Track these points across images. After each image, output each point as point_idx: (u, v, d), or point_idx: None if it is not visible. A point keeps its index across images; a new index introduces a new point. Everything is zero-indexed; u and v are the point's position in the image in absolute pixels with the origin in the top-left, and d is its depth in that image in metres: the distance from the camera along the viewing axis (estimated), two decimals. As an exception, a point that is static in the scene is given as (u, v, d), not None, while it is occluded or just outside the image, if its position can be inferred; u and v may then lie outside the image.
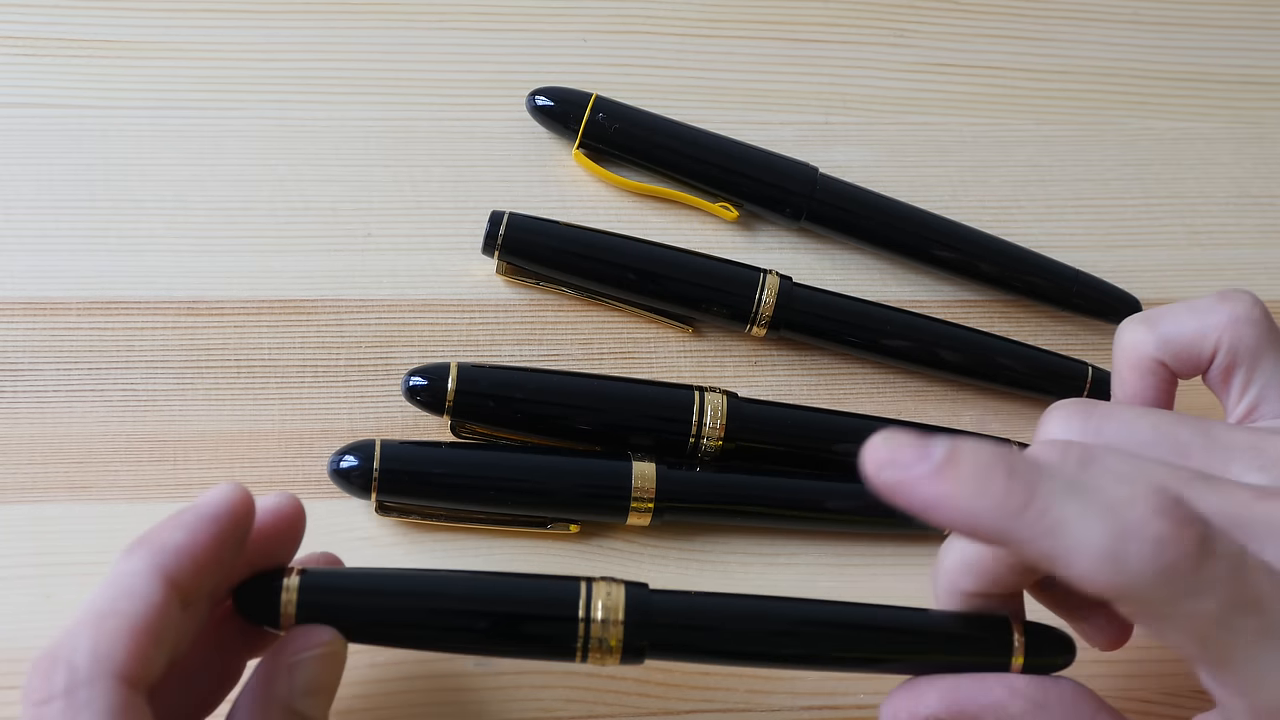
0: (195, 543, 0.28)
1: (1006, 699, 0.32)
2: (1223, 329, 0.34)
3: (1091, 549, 0.27)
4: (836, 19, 0.48)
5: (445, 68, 0.45)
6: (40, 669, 0.26)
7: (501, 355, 0.41)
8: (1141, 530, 0.26)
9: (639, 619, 0.31)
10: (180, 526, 0.28)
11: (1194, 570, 0.26)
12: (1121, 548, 0.26)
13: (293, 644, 0.29)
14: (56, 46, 0.43)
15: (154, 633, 0.27)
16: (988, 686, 0.32)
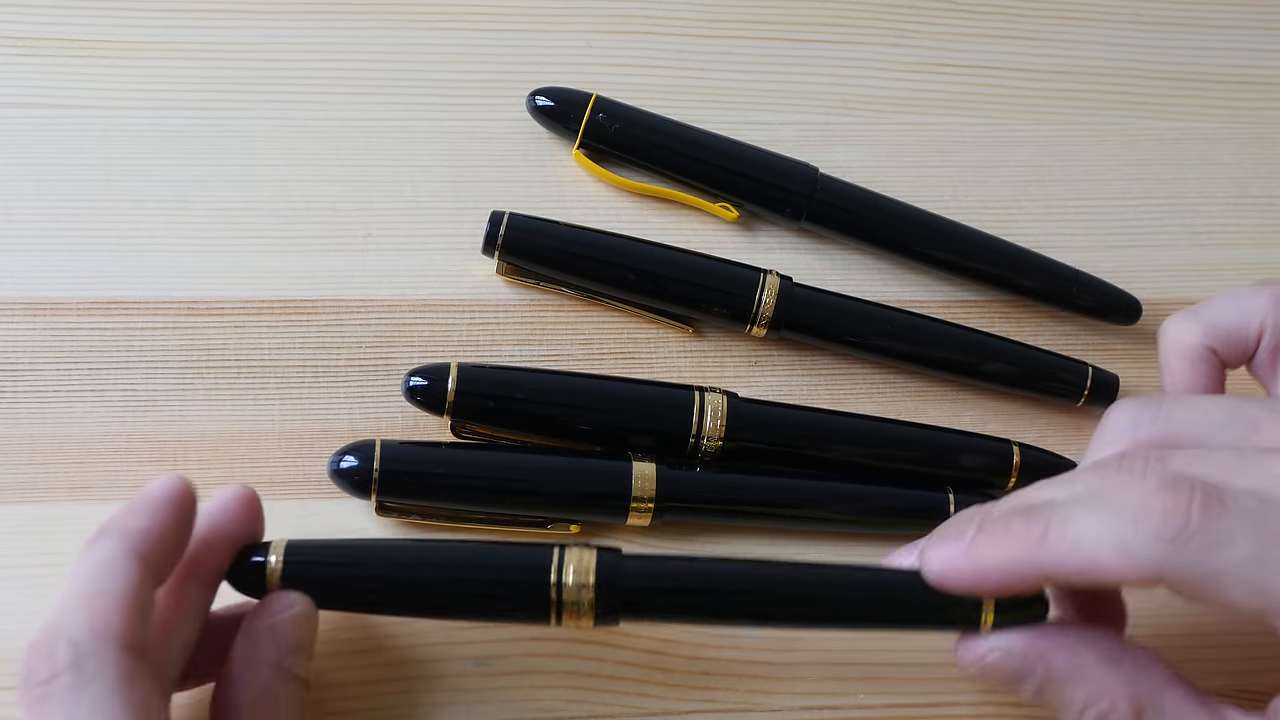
0: (158, 524, 0.30)
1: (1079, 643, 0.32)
2: (1266, 311, 0.35)
3: (1107, 546, 0.29)
4: (836, 19, 0.48)
5: (445, 68, 0.45)
6: (39, 652, 0.27)
7: (501, 355, 0.41)
8: (1144, 511, 0.29)
9: (609, 581, 0.32)
10: (141, 512, 0.30)
11: (1207, 528, 0.28)
12: (1129, 534, 0.29)
13: (271, 607, 0.31)
14: (56, 46, 0.43)
15: (140, 606, 0.28)
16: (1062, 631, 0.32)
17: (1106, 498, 0.30)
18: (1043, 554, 0.30)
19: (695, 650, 0.38)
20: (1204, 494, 0.29)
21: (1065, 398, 0.42)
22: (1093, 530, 0.29)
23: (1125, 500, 0.29)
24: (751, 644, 0.38)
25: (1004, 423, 0.43)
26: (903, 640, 0.38)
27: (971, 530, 0.32)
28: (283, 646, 0.31)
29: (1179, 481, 0.29)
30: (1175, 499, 0.29)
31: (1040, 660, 0.32)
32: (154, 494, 0.30)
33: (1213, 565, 0.28)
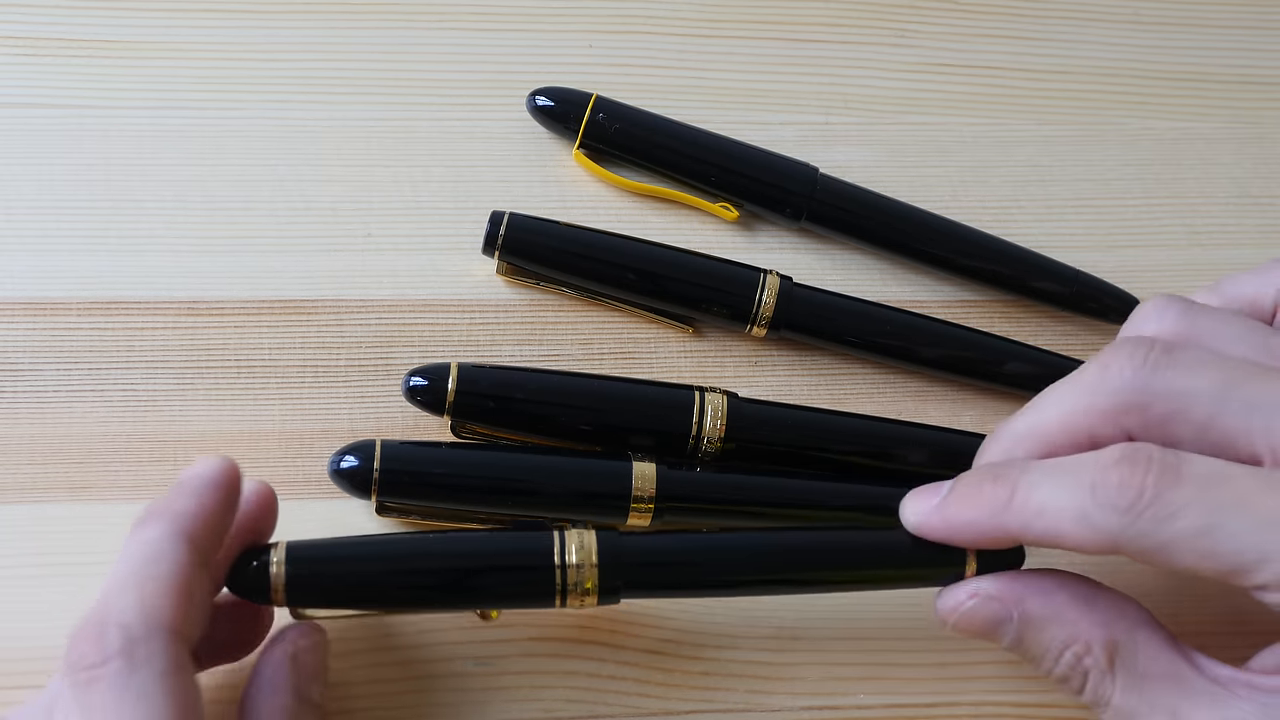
0: (204, 507, 0.30)
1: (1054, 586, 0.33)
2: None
3: (1068, 515, 0.30)
4: (836, 19, 0.48)
5: (445, 68, 0.45)
6: (88, 635, 0.27)
7: (501, 355, 0.41)
8: (1101, 482, 0.30)
9: (611, 560, 0.33)
10: (188, 494, 0.30)
11: (1160, 499, 0.29)
12: (1087, 504, 0.30)
13: (291, 636, 0.32)
14: (56, 46, 0.43)
15: (189, 590, 0.29)
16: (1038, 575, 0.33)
17: (1069, 465, 0.31)
18: (1008, 518, 0.31)
19: (695, 650, 0.38)
20: (1160, 465, 0.30)
21: (1065, 398, 0.42)
22: (1054, 498, 0.31)
23: (1085, 469, 0.30)
24: (751, 644, 0.38)
25: (1004, 423, 0.43)
26: (903, 640, 0.38)
27: (948, 485, 0.33)
28: (303, 674, 0.32)
29: (1138, 452, 0.30)
30: (1131, 471, 0.30)
31: (1017, 604, 0.33)
32: (200, 475, 0.31)
33: (1165, 535, 0.29)
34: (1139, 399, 0.31)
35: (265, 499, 0.33)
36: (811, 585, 0.36)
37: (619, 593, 0.34)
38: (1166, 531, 0.29)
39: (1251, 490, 0.29)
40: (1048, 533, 0.31)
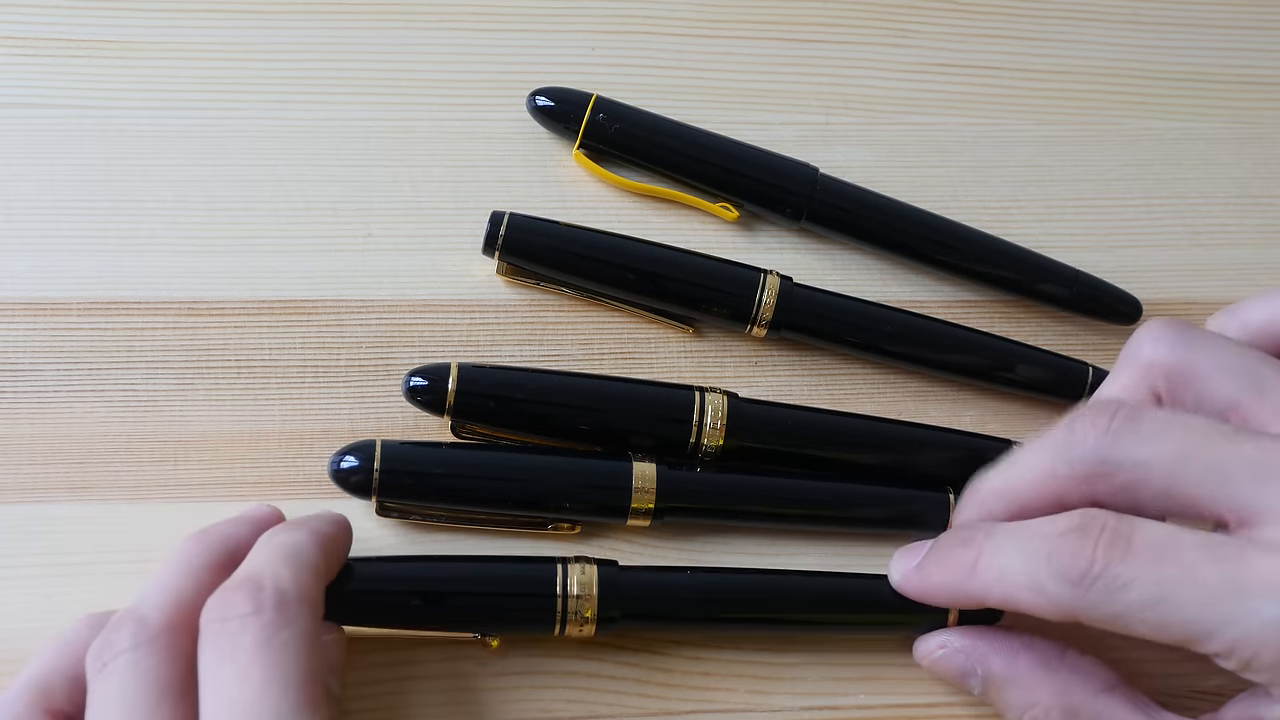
0: (337, 537, 0.33)
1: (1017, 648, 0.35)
2: None
3: (1024, 585, 0.32)
4: (836, 19, 0.48)
5: (445, 68, 0.45)
6: (241, 588, 0.29)
7: (502, 355, 0.41)
8: (1055, 551, 0.31)
9: (610, 592, 0.35)
10: (328, 522, 0.33)
11: (1109, 572, 0.30)
12: (1041, 575, 0.31)
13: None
14: (56, 46, 0.43)
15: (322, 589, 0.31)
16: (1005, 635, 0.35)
17: (1029, 532, 0.32)
18: (973, 583, 0.33)
19: (695, 650, 0.38)
20: (1111, 535, 0.31)
21: (1065, 398, 0.42)
22: (1013, 566, 0.32)
23: (1042, 539, 0.32)
24: (751, 644, 0.38)
25: (1004, 423, 0.43)
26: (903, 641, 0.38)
27: (928, 545, 0.36)
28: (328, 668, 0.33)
29: (1090, 523, 0.31)
30: (1083, 542, 0.31)
31: (981, 661, 0.35)
32: (331, 515, 0.34)
33: (1117, 607, 0.30)
34: (1100, 469, 0.32)
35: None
36: (800, 625, 0.37)
37: (616, 622, 0.35)
38: (1118, 603, 0.30)
39: (1199, 561, 0.30)
40: (1006, 599, 0.32)
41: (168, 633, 0.30)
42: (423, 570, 0.35)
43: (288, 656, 0.28)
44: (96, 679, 0.29)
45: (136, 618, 0.30)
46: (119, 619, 0.30)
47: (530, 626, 0.35)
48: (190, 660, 0.29)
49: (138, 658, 0.29)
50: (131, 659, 0.29)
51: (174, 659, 0.29)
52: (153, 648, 0.29)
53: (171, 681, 0.29)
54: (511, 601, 0.35)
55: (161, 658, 0.29)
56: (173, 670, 0.29)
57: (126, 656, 0.29)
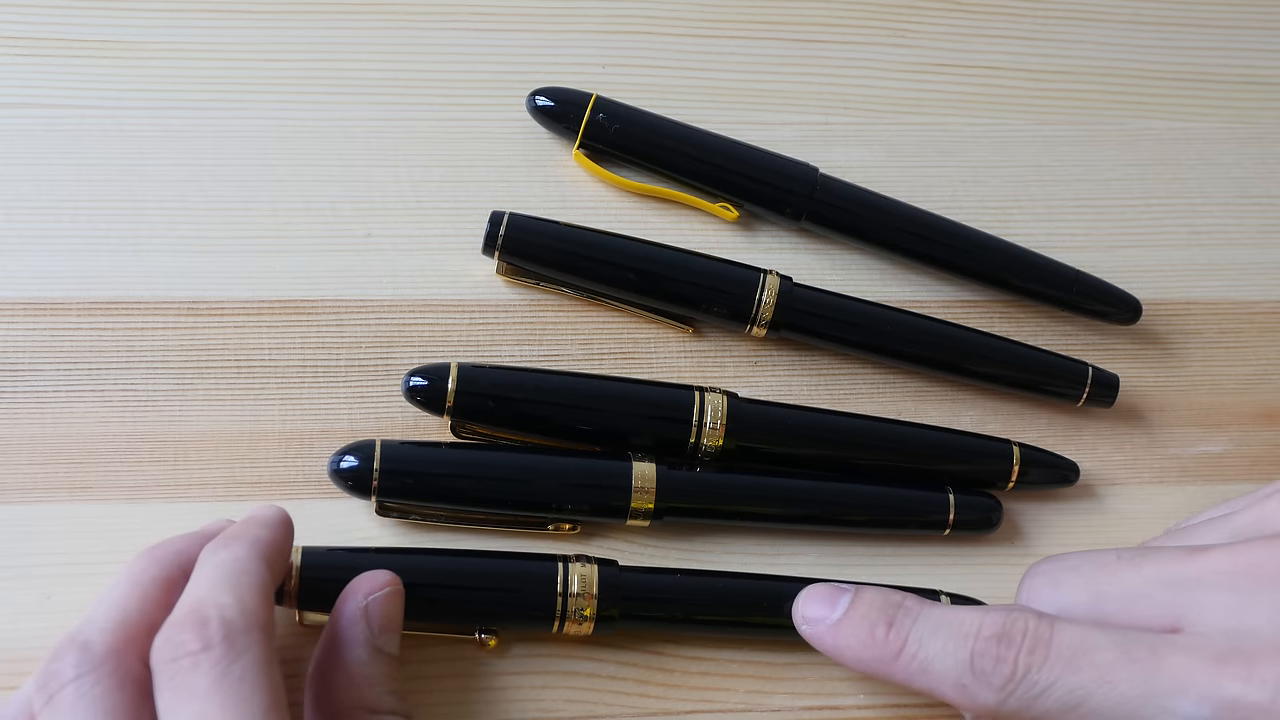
0: (277, 538, 0.32)
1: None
2: None
3: (949, 683, 0.32)
4: (836, 19, 0.48)
5: (445, 68, 0.45)
6: (188, 623, 0.28)
7: (501, 355, 0.41)
8: (980, 653, 0.32)
9: (610, 591, 0.35)
10: (262, 525, 0.32)
11: (1029, 678, 0.31)
12: (966, 676, 0.32)
13: (362, 588, 0.33)
14: (56, 46, 0.43)
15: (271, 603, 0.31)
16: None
17: (956, 627, 0.33)
18: (896, 668, 0.33)
19: (695, 650, 0.38)
20: (1032, 640, 0.31)
21: (1065, 398, 0.42)
22: (939, 662, 0.32)
23: (968, 638, 0.32)
24: (751, 644, 0.38)
25: (1004, 423, 0.43)
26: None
27: (845, 603, 0.35)
28: (374, 627, 0.32)
29: (1013, 626, 0.32)
30: (1005, 648, 0.31)
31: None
32: (267, 514, 0.33)
33: (1037, 711, 0.31)
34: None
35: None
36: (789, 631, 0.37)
37: (615, 622, 0.36)
38: (1038, 708, 0.31)
39: (1112, 664, 0.30)
40: (930, 690, 0.33)
41: (113, 658, 0.29)
42: (423, 564, 0.35)
43: (244, 692, 0.28)
44: (45, 710, 0.28)
45: (80, 644, 0.29)
46: (62, 646, 0.29)
47: (529, 623, 0.36)
48: (139, 683, 0.29)
49: (83, 687, 0.28)
50: (77, 688, 0.28)
51: (121, 684, 0.29)
52: (99, 676, 0.28)
53: (121, 707, 0.28)
54: (511, 597, 0.35)
55: (108, 685, 0.28)
56: (121, 696, 0.28)
57: (72, 687, 0.28)
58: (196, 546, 0.32)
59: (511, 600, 0.35)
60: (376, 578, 0.33)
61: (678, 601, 0.37)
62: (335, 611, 0.33)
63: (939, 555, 0.40)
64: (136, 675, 0.29)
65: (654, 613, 0.36)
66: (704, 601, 0.37)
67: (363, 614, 0.32)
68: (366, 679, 0.32)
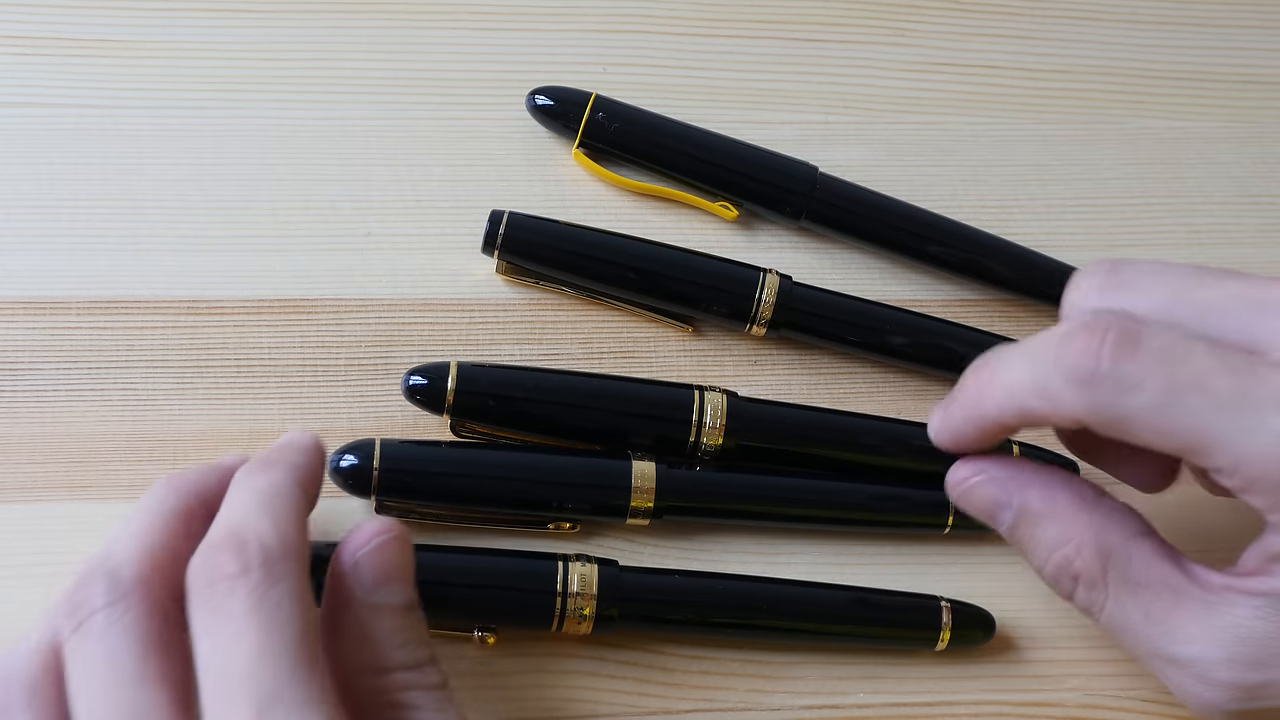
0: (312, 464, 0.32)
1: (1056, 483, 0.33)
2: None
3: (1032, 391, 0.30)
4: (836, 19, 0.48)
5: (445, 68, 0.45)
6: (226, 548, 0.28)
7: (501, 354, 0.41)
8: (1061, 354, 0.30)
9: (609, 591, 0.35)
10: (298, 450, 0.32)
11: (1117, 370, 0.29)
12: (1049, 378, 0.30)
13: (349, 544, 0.31)
14: (56, 46, 0.43)
15: (306, 531, 0.30)
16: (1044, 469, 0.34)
17: (1036, 342, 0.31)
18: (987, 403, 0.32)
19: (695, 650, 0.38)
20: (1119, 333, 0.29)
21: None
22: (1020, 375, 0.31)
23: (1047, 342, 0.30)
24: (751, 644, 0.38)
25: (1004, 422, 0.43)
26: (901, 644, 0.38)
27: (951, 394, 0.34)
28: (367, 583, 0.31)
29: (1097, 320, 0.30)
30: (1088, 340, 0.29)
31: (1019, 491, 0.33)
32: (302, 441, 0.33)
33: (1124, 409, 0.29)
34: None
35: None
36: (799, 634, 0.37)
37: (615, 622, 0.36)
38: (1126, 405, 0.29)
39: (1210, 370, 0.29)
40: (1019, 411, 0.31)
41: (142, 585, 0.29)
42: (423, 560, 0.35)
43: (280, 618, 0.27)
44: (74, 638, 0.28)
45: (108, 572, 0.29)
46: (87, 575, 0.29)
47: (528, 621, 0.36)
48: (166, 611, 0.29)
49: (114, 614, 0.28)
50: (108, 615, 0.28)
51: (152, 612, 0.28)
52: (129, 603, 0.28)
53: (154, 635, 0.28)
54: (511, 595, 0.35)
55: (139, 612, 0.28)
56: (152, 624, 0.28)
57: (103, 614, 0.28)
58: (214, 478, 0.32)
59: (511, 598, 0.35)
60: (366, 530, 0.31)
61: (677, 603, 0.37)
62: (330, 568, 0.31)
63: (939, 555, 0.40)
64: (164, 603, 0.29)
65: (653, 614, 0.36)
66: (704, 603, 0.37)
67: (352, 570, 0.31)
68: (368, 638, 0.30)
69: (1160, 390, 0.29)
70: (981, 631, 0.38)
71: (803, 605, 0.37)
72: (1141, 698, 0.38)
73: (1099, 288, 0.32)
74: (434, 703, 0.30)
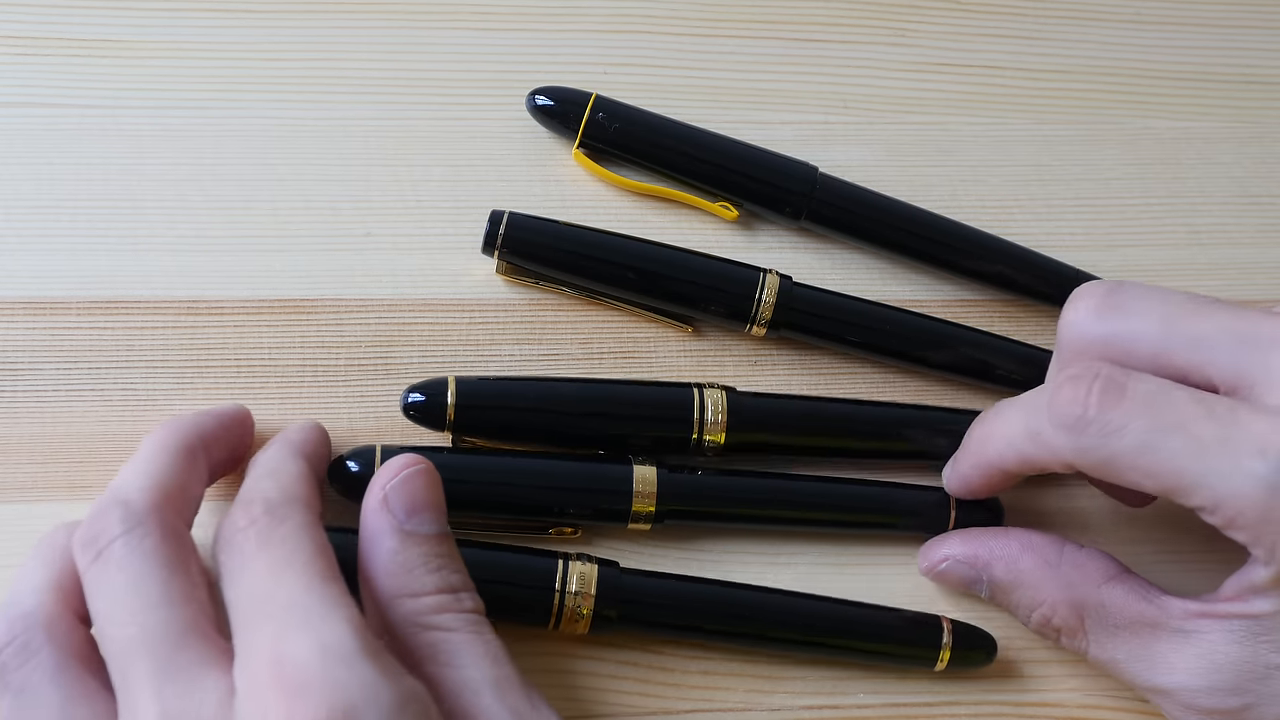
0: (312, 438, 0.35)
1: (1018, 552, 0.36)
2: None
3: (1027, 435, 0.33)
4: (836, 19, 0.48)
5: (445, 68, 0.45)
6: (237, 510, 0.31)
7: (501, 355, 0.41)
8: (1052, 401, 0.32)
9: (609, 592, 0.35)
10: (299, 429, 0.35)
11: (1102, 417, 0.31)
12: (1041, 424, 0.33)
13: (380, 479, 0.32)
14: (56, 46, 0.43)
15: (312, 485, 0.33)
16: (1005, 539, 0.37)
17: (1031, 394, 0.34)
18: (989, 451, 0.35)
19: (695, 650, 0.38)
20: (1105, 382, 0.32)
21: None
22: (1017, 425, 0.34)
23: (1041, 394, 0.34)
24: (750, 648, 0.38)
25: (1004, 422, 0.43)
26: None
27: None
28: (399, 513, 0.32)
29: (1085, 371, 0.32)
30: (1076, 390, 0.32)
31: (985, 569, 0.36)
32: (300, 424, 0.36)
33: (1109, 451, 0.31)
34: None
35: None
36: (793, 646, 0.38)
37: (613, 624, 0.36)
38: (1111, 448, 0.31)
39: (1193, 415, 0.31)
40: (1018, 458, 0.34)
41: (156, 512, 0.30)
42: None
43: (289, 546, 0.29)
44: (93, 568, 0.29)
45: (121, 501, 0.30)
46: (101, 507, 0.30)
47: (525, 617, 0.35)
48: (181, 537, 0.30)
49: (134, 539, 0.29)
50: (126, 542, 0.29)
51: (168, 536, 0.30)
52: (147, 529, 0.29)
53: (174, 556, 0.29)
54: (509, 590, 0.35)
55: (157, 537, 0.29)
56: (169, 547, 0.29)
57: (121, 541, 0.29)
58: (211, 421, 0.34)
59: (509, 594, 0.35)
60: (394, 465, 0.32)
61: (676, 608, 0.36)
62: (363, 507, 0.33)
63: (939, 555, 0.40)
64: (179, 530, 0.30)
65: (652, 618, 0.36)
66: (702, 611, 0.37)
67: (383, 503, 0.32)
68: (402, 565, 0.31)
69: (1143, 433, 0.31)
70: (983, 653, 0.38)
71: (802, 618, 0.37)
72: (1142, 698, 0.38)
73: (1096, 310, 0.34)
74: (468, 624, 0.31)
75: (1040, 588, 0.35)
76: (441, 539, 0.32)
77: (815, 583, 0.39)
